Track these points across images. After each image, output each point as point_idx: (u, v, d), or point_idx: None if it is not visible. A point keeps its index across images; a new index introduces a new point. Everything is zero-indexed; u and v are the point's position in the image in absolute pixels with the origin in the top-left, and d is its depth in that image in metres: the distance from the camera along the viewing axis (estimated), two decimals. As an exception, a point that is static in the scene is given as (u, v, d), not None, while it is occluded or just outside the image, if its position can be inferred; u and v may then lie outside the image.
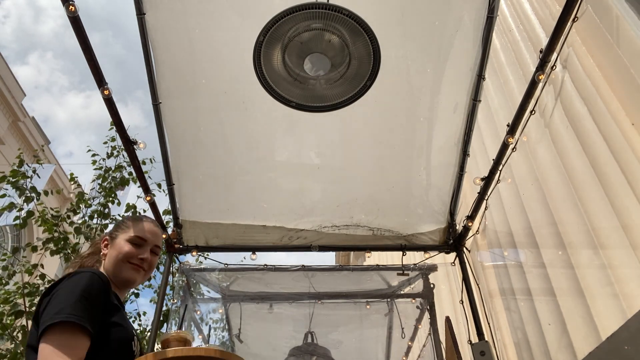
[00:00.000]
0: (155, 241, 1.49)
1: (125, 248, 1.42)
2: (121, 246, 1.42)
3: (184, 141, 2.65)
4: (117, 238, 1.46)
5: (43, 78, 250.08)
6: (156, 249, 1.49)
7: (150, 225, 1.51)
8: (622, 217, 1.96)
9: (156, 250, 1.49)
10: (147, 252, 1.44)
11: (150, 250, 1.47)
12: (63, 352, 1.00)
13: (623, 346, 0.73)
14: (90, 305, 1.11)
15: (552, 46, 2.09)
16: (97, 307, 1.13)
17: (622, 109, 2.06)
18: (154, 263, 1.48)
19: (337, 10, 1.91)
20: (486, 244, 3.16)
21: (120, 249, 1.41)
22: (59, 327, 1.03)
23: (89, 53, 2.05)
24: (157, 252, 1.50)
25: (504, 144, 2.54)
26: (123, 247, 1.42)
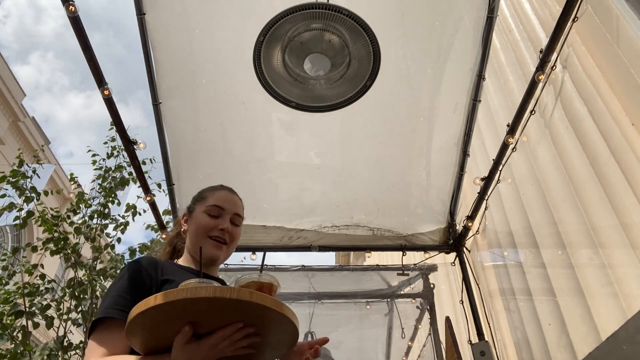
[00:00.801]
0: (235, 209, 1.36)
1: (203, 220, 1.31)
2: (199, 219, 1.32)
3: (184, 141, 2.65)
4: (195, 211, 1.36)
5: (44, 78, 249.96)
6: (237, 219, 1.36)
7: (227, 193, 1.40)
8: (622, 216, 1.96)
9: (237, 220, 1.36)
10: (227, 222, 1.31)
11: (230, 220, 1.33)
12: (98, 344, 1.00)
13: (622, 346, 0.73)
14: (127, 293, 1.07)
15: (552, 46, 2.09)
16: (137, 293, 1.07)
17: (622, 109, 2.06)
18: (235, 235, 1.34)
19: (337, 10, 1.91)
20: (486, 244, 3.16)
21: (198, 222, 1.31)
22: (97, 325, 1.03)
23: (89, 53, 2.06)
24: (238, 222, 1.36)
25: (504, 144, 2.54)
26: (200, 219, 1.31)
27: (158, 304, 0.82)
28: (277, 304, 0.87)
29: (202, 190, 1.43)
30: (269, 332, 0.92)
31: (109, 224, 4.65)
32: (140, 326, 0.89)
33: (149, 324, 0.88)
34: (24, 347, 3.46)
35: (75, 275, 4.07)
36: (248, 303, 0.84)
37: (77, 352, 3.86)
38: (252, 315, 0.87)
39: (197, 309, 0.85)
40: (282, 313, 0.87)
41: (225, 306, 0.84)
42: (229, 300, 0.83)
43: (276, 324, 0.90)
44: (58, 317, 3.87)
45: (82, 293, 4.02)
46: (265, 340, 0.93)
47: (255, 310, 0.85)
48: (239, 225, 1.36)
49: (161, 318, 0.86)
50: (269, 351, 1.01)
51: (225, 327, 0.87)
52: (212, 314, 0.86)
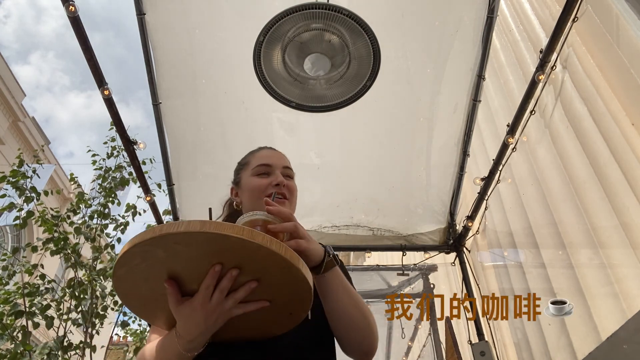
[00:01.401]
0: (283, 163, 1.24)
1: (253, 183, 1.19)
2: (248, 184, 1.21)
3: (184, 141, 2.65)
4: (241, 179, 1.26)
5: (44, 78, 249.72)
6: (288, 171, 1.24)
7: (269, 150, 1.30)
8: (622, 216, 1.96)
9: (289, 173, 1.24)
10: (279, 176, 1.19)
11: (281, 174, 1.21)
12: (151, 332, 0.99)
13: (622, 346, 0.73)
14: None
15: (552, 46, 2.09)
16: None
17: (622, 109, 2.06)
18: (293, 187, 1.22)
19: (337, 11, 1.91)
20: (486, 244, 3.16)
21: (249, 187, 1.20)
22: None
23: (89, 53, 2.06)
24: (290, 174, 1.24)
25: (504, 144, 2.54)
26: (250, 183, 1.20)
27: (121, 254, 0.73)
28: (277, 245, 0.71)
29: (242, 158, 1.34)
30: (274, 287, 0.77)
31: (109, 224, 4.65)
32: (135, 299, 0.83)
33: (138, 294, 0.81)
34: (24, 347, 3.46)
35: (75, 275, 4.07)
36: (234, 240, 0.68)
37: (77, 352, 3.86)
38: (248, 260, 0.73)
39: (170, 257, 0.73)
40: (285, 257, 0.71)
41: (200, 245, 0.70)
42: (201, 236, 0.68)
43: (280, 275, 0.75)
44: (58, 317, 3.87)
45: (82, 293, 4.02)
46: (270, 296, 0.79)
47: (247, 250, 0.70)
48: (292, 178, 1.25)
49: (140, 276, 0.76)
50: (279, 317, 0.86)
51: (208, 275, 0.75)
52: (193, 261, 0.73)
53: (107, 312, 4.22)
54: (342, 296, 0.94)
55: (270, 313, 0.82)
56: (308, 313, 0.84)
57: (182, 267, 0.75)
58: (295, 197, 1.24)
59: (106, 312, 4.19)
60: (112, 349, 9.63)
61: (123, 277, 0.78)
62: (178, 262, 0.74)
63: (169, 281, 0.77)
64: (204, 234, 0.68)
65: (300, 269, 0.74)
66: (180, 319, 0.79)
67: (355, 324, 0.94)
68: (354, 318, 0.94)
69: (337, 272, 0.94)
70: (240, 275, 0.75)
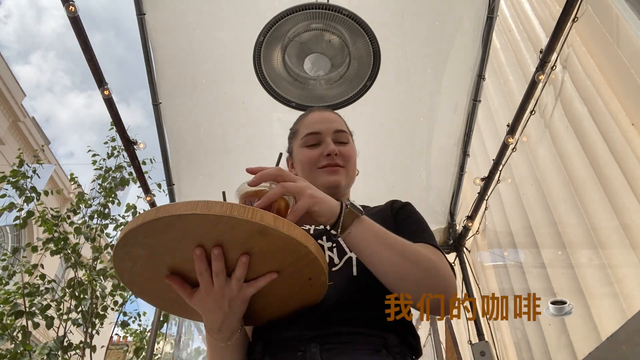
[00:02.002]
0: (333, 126, 1.12)
1: (304, 155, 1.10)
2: (299, 156, 1.12)
3: (184, 141, 2.65)
4: (293, 150, 1.16)
5: (45, 78, 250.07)
6: (341, 136, 1.11)
7: (318, 113, 1.17)
8: (622, 216, 1.96)
9: (342, 138, 1.11)
10: (330, 144, 1.07)
11: (334, 140, 1.10)
12: None
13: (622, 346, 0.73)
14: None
15: (552, 46, 2.09)
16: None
17: (622, 109, 2.05)
18: (348, 153, 1.10)
19: (337, 11, 1.91)
20: (486, 244, 3.16)
21: (301, 160, 1.11)
22: None
23: (89, 53, 2.06)
24: (344, 139, 1.12)
25: (504, 144, 2.54)
26: (301, 156, 1.11)
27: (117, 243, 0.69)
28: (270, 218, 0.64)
29: (293, 124, 1.23)
30: (271, 256, 0.71)
31: (109, 224, 4.65)
32: (155, 297, 0.81)
33: (156, 293, 0.78)
34: (24, 347, 3.46)
35: (75, 276, 4.07)
36: (192, 218, 0.62)
37: (77, 352, 3.86)
38: (224, 235, 0.67)
39: (152, 253, 0.69)
40: (252, 220, 0.63)
41: (166, 233, 0.65)
42: (158, 223, 0.63)
43: (264, 242, 0.67)
44: (58, 317, 3.87)
45: (82, 293, 4.02)
46: (275, 266, 0.73)
47: (213, 225, 0.64)
48: (347, 142, 1.12)
49: (144, 277, 0.74)
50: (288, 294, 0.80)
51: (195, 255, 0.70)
52: (176, 250, 0.69)
53: (107, 312, 4.22)
54: (380, 251, 0.78)
55: (289, 283, 0.76)
56: (323, 276, 0.74)
57: (172, 258, 0.72)
58: (354, 162, 1.13)
59: (106, 312, 4.19)
60: (112, 349, 9.62)
61: (130, 282, 0.77)
62: (164, 255, 0.71)
63: (169, 277, 0.75)
64: (160, 220, 0.63)
65: (278, 229, 0.64)
66: (198, 311, 0.77)
67: (407, 279, 0.78)
68: (402, 273, 0.78)
69: (364, 225, 0.79)
70: (227, 252, 0.70)
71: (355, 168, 1.14)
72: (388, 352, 0.80)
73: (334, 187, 1.07)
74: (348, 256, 0.92)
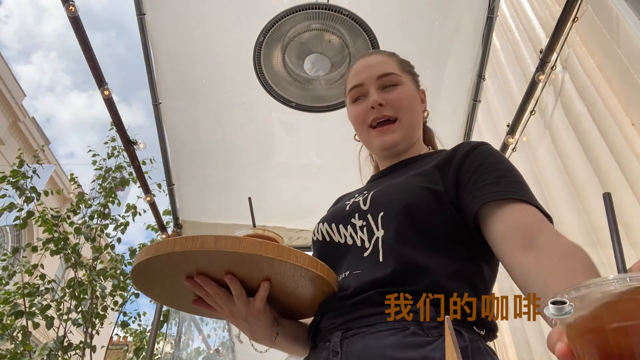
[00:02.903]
0: (376, 72, 0.98)
1: (352, 113, 1.02)
2: (350, 114, 1.04)
3: (184, 141, 2.66)
4: (346, 105, 1.07)
5: (46, 78, 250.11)
6: (386, 80, 0.97)
7: (360, 60, 1.04)
8: (622, 216, 1.95)
9: (388, 81, 0.97)
10: (374, 95, 0.95)
11: (380, 87, 0.97)
12: None
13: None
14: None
15: (552, 46, 2.09)
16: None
17: (622, 109, 2.05)
18: (396, 99, 0.96)
19: (337, 11, 1.91)
20: (486, 244, 3.16)
21: (351, 118, 1.03)
22: None
23: (89, 53, 2.06)
24: (391, 82, 0.97)
25: (504, 145, 2.54)
26: (350, 114, 1.03)
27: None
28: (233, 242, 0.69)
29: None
30: (249, 268, 0.74)
31: (109, 224, 4.65)
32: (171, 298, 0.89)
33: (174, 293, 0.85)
34: (24, 347, 3.46)
35: (75, 276, 4.07)
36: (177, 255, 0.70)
37: (77, 352, 3.86)
38: (206, 265, 0.74)
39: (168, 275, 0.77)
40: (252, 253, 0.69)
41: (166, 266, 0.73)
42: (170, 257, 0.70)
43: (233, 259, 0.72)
44: (58, 317, 3.87)
45: (82, 293, 4.02)
46: (263, 275, 0.76)
47: (189, 257, 0.71)
48: (395, 84, 0.97)
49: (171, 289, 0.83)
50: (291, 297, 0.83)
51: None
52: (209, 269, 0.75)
53: (107, 312, 4.22)
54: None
55: (292, 283, 0.78)
56: (310, 271, 0.73)
57: (182, 286, 0.79)
58: (410, 108, 0.97)
59: (106, 312, 4.19)
60: (112, 349, 9.63)
61: (160, 298, 0.88)
62: (174, 286, 0.80)
63: (195, 302, 0.81)
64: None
65: (220, 250, 0.69)
66: (246, 332, 0.84)
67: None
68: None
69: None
70: (216, 274, 0.76)
71: (415, 112, 0.99)
72: (421, 327, 0.70)
73: (389, 148, 0.96)
74: (376, 236, 0.82)
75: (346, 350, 0.72)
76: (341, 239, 0.87)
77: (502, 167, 0.79)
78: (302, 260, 0.73)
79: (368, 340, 0.71)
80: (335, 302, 0.80)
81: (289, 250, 0.72)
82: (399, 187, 0.86)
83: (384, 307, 0.72)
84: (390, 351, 0.68)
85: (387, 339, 0.70)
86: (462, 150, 0.84)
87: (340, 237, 0.87)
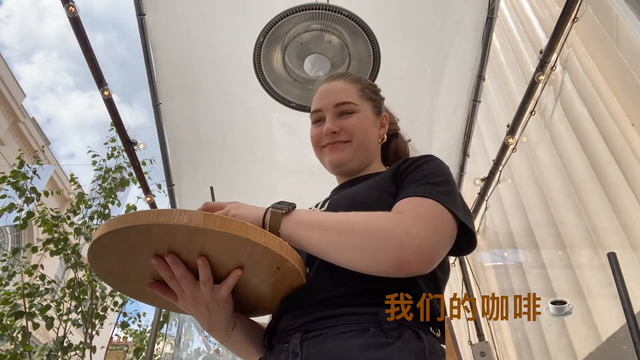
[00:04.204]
0: (333, 100, 1.02)
1: (311, 134, 1.07)
2: (310, 132, 1.08)
3: (184, 141, 2.66)
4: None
5: (47, 78, 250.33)
6: (344, 107, 1.01)
7: (322, 86, 1.08)
8: (622, 217, 1.95)
9: (344, 109, 1.01)
10: (328, 122, 1.00)
11: (337, 114, 1.01)
12: None
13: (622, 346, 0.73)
14: None
15: (552, 47, 2.09)
16: None
17: (622, 110, 2.06)
18: (350, 126, 1.00)
19: (337, 11, 1.91)
20: (486, 245, 3.16)
21: (310, 138, 1.08)
22: None
23: (89, 54, 2.06)
24: (347, 110, 1.01)
25: (504, 145, 2.54)
26: (310, 132, 1.08)
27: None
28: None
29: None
30: (226, 253, 0.70)
31: (109, 224, 4.64)
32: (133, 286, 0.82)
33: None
34: (24, 348, 3.46)
35: (75, 276, 4.07)
36: (126, 231, 0.64)
37: (77, 352, 3.86)
38: (172, 242, 0.68)
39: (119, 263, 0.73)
40: (180, 224, 0.63)
41: (111, 247, 0.69)
42: (104, 239, 0.66)
43: (208, 241, 0.68)
44: (58, 317, 3.86)
45: (82, 294, 4.02)
46: (236, 262, 0.72)
47: (150, 234, 0.66)
48: (351, 112, 1.01)
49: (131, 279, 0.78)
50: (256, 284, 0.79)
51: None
52: (135, 262, 0.72)
53: (107, 312, 4.22)
54: (312, 236, 0.75)
55: (262, 276, 0.76)
56: (289, 262, 0.72)
57: (145, 268, 0.73)
58: (363, 134, 1.01)
59: (106, 312, 4.19)
60: (112, 349, 9.62)
61: (121, 287, 0.82)
62: (134, 267, 0.74)
63: (150, 285, 0.77)
64: (104, 237, 0.67)
65: (210, 227, 0.64)
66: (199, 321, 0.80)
67: (343, 252, 0.73)
68: (337, 248, 0.73)
69: (292, 219, 0.77)
70: (185, 258, 0.71)
71: (368, 138, 1.02)
72: (381, 329, 0.72)
73: (337, 165, 1.03)
74: None
75: (306, 352, 0.73)
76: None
77: (426, 172, 0.85)
78: (285, 250, 0.71)
79: (329, 342, 0.72)
80: (296, 300, 0.80)
81: (274, 239, 0.70)
82: (357, 191, 0.92)
83: (344, 309, 0.75)
84: (351, 352, 0.69)
85: (349, 341, 0.71)
86: (406, 163, 0.91)
87: None
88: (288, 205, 0.80)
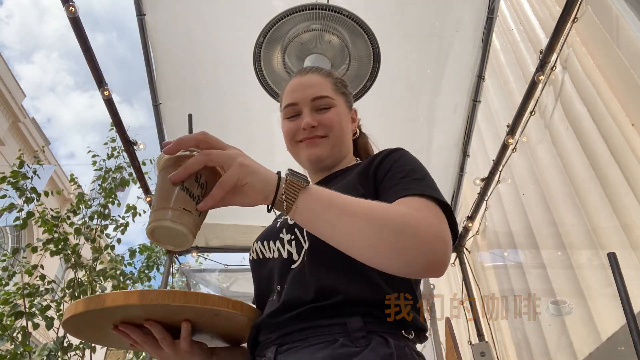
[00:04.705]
0: (310, 94, 1.00)
1: (284, 128, 1.03)
2: (282, 128, 1.04)
3: (184, 142, 2.65)
4: (280, 117, 1.08)
5: (48, 78, 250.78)
6: (320, 102, 1.00)
7: (296, 79, 1.05)
8: (622, 217, 1.96)
9: (321, 104, 1.00)
10: (306, 116, 0.98)
11: (314, 109, 0.99)
12: None
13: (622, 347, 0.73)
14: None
15: (552, 47, 2.09)
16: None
17: (622, 110, 2.06)
18: (328, 121, 0.98)
19: (337, 11, 1.91)
20: (486, 245, 3.16)
21: (283, 133, 1.04)
22: None
23: (89, 54, 2.06)
24: (324, 104, 1.00)
25: (504, 145, 2.54)
26: (283, 128, 1.04)
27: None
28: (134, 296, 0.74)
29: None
30: (162, 311, 0.76)
31: (109, 224, 4.65)
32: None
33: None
34: (24, 348, 3.46)
35: (75, 276, 4.07)
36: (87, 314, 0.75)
37: (77, 352, 3.86)
38: (127, 316, 0.79)
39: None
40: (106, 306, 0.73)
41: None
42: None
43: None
44: (58, 317, 3.86)
45: (82, 294, 4.01)
46: (181, 316, 0.78)
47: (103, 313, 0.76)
48: (328, 107, 1.00)
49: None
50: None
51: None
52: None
53: (107, 312, 4.21)
54: (340, 222, 0.68)
55: (211, 321, 0.81)
56: (221, 310, 0.76)
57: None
58: (337, 129, 0.99)
59: (106, 312, 4.18)
60: (112, 349, 9.61)
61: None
62: (104, 332, 0.85)
63: (131, 346, 0.83)
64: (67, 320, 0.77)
65: (133, 304, 0.73)
66: None
67: (377, 248, 0.68)
68: (370, 242, 0.67)
69: (313, 195, 0.69)
70: (139, 321, 0.79)
71: (344, 133, 1.02)
72: (350, 338, 0.72)
73: (315, 161, 0.99)
74: (304, 249, 0.83)
75: None
76: (271, 254, 0.89)
77: (407, 168, 0.84)
78: (211, 302, 0.75)
79: (301, 355, 0.73)
80: (269, 319, 0.82)
81: (197, 295, 0.75)
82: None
83: (316, 322, 0.76)
84: None
85: (318, 353, 0.72)
86: (377, 159, 0.89)
87: (270, 252, 0.89)
88: (305, 177, 0.71)
